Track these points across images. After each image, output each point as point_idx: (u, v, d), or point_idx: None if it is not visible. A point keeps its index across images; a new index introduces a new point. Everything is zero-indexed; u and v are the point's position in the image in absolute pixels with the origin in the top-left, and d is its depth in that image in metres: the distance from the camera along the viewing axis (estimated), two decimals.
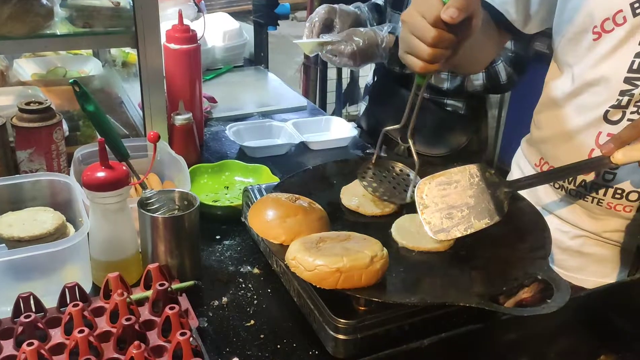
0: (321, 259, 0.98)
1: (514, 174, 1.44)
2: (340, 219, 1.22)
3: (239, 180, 1.58)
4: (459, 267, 1.10)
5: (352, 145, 1.83)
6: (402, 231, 1.17)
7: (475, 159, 1.78)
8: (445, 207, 1.09)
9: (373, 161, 1.24)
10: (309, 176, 1.33)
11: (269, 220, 1.11)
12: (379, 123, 1.85)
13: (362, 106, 2.09)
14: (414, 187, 1.11)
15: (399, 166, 1.25)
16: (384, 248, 1.02)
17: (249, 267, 1.27)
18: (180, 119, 1.59)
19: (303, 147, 1.81)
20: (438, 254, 1.13)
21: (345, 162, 1.36)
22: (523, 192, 1.22)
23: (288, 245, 1.06)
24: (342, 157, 1.62)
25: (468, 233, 1.08)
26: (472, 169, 1.12)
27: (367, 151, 1.77)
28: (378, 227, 1.17)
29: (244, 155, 1.74)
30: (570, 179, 1.25)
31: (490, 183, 1.12)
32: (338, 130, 1.86)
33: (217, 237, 1.38)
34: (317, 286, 1.00)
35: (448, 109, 1.85)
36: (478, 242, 1.11)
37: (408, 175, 1.22)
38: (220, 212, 1.42)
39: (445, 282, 1.05)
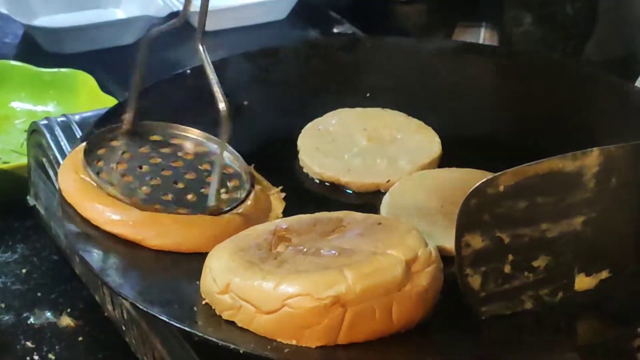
0: (293, 280, 0.63)
1: None
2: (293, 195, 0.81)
3: (21, 108, 1.12)
4: None
5: (297, 17, 1.33)
6: (407, 210, 0.76)
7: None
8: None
9: (125, 121, 0.80)
10: (187, 90, 0.88)
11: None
12: None
13: None
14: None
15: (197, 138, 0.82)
16: (427, 241, 0.67)
17: (49, 315, 0.86)
18: None
19: (179, 26, 1.30)
20: None
21: (277, 51, 0.94)
22: None
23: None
24: (269, 42, 1.12)
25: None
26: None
27: (335, 30, 1.30)
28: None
29: (36, 48, 1.23)
30: None
31: None
32: None
33: None
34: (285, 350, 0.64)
35: None
36: None
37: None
38: None
39: None
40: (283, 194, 0.81)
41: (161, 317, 0.63)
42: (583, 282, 0.68)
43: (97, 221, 0.75)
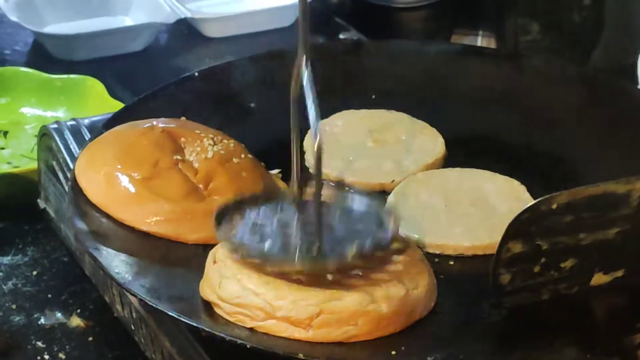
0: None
1: None
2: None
3: (31, 114, 1.10)
4: None
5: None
6: (411, 209, 0.76)
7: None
8: None
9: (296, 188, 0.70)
10: (194, 92, 0.88)
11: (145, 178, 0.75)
12: None
13: None
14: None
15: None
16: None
17: (59, 315, 0.85)
18: None
19: (187, 32, 1.27)
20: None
21: (283, 55, 0.90)
22: None
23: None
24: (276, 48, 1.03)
25: None
26: None
27: (341, 36, 1.27)
28: None
29: (46, 55, 1.22)
30: None
31: None
32: None
33: None
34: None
35: None
36: None
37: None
38: None
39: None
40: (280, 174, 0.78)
41: (170, 313, 0.63)
42: (600, 279, 0.68)
43: (131, 222, 0.73)
